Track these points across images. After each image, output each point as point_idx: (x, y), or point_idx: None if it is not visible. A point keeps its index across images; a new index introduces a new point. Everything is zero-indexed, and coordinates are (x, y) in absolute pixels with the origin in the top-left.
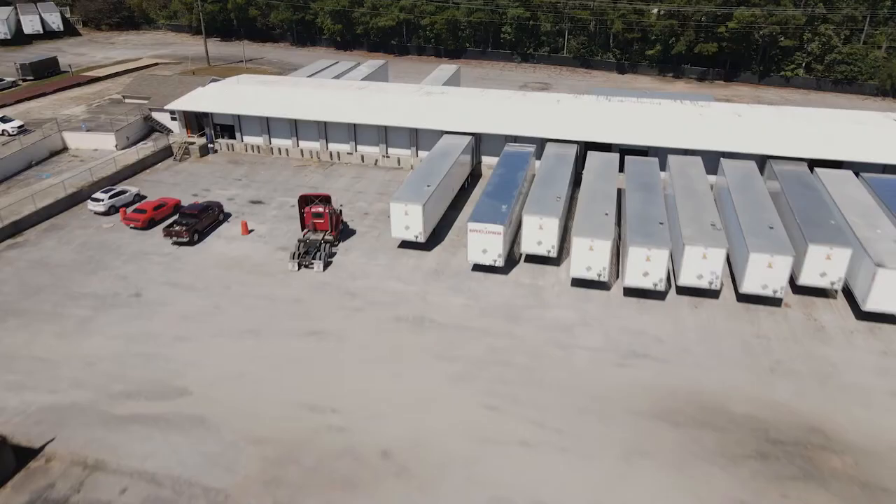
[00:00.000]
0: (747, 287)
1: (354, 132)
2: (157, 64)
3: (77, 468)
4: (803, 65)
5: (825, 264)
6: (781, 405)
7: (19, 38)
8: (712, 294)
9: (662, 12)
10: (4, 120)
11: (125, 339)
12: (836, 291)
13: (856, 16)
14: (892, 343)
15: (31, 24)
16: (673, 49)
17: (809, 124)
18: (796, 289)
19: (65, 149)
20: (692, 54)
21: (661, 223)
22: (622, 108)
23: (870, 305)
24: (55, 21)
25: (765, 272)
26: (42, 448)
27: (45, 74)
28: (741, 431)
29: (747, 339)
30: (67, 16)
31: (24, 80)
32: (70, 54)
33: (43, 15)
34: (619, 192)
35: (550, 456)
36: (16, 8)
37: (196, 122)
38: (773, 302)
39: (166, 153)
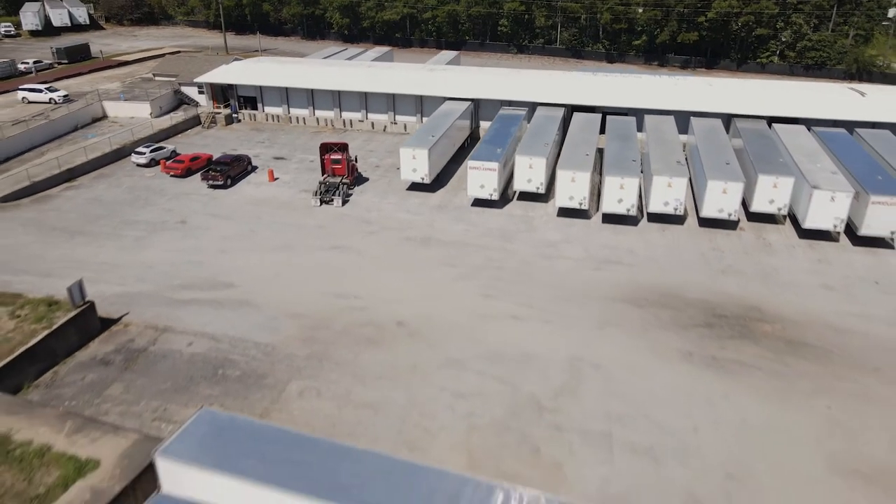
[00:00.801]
0: (706, 211)
1: (366, 101)
2: (179, 52)
3: (150, 330)
4: (777, 52)
5: (772, 192)
6: (728, 293)
7: (49, 30)
8: (678, 220)
9: (647, 4)
10: (51, 90)
11: (176, 251)
12: (784, 217)
13: (823, 4)
14: (826, 253)
15: (59, 18)
16: (657, 39)
17: (770, 90)
18: (750, 216)
19: (104, 116)
20: (675, 43)
21: (633, 160)
22: (606, 79)
23: (808, 223)
24: (82, 15)
25: (720, 197)
26: (119, 318)
27: (78, 59)
28: (693, 310)
29: (705, 252)
30: (91, 12)
31: (59, 63)
32: (97, 44)
33: (70, 9)
34: (601, 150)
35: (536, 326)
36: (43, 3)
37: (222, 94)
38: (729, 225)
39: (195, 121)
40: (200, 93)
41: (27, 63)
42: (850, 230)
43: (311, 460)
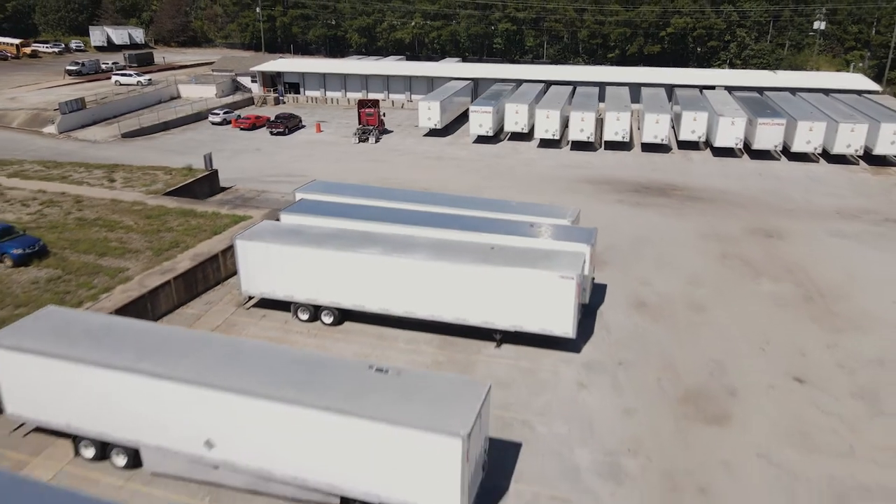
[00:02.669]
0: (645, 137)
1: (388, 83)
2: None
3: (253, 191)
4: (727, 61)
5: (693, 124)
6: (654, 178)
7: (111, 47)
8: (626, 147)
9: (618, 22)
10: (139, 75)
11: (259, 163)
12: (704, 144)
13: (761, 20)
14: (730, 163)
15: (120, 37)
16: (628, 52)
17: (703, 71)
18: (680, 145)
19: (179, 96)
20: (643, 55)
21: (591, 104)
22: (577, 68)
23: (717, 142)
24: (138, 36)
25: (654, 126)
26: (231, 186)
27: (145, 63)
28: (628, 185)
29: (643, 163)
30: (144, 35)
31: (131, 66)
32: (156, 56)
33: (129, 31)
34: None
35: (518, 193)
36: (103, 26)
37: (271, 81)
38: (663, 149)
39: (249, 101)
40: (253, 81)
41: (107, 63)
42: (749, 151)
43: (392, 193)
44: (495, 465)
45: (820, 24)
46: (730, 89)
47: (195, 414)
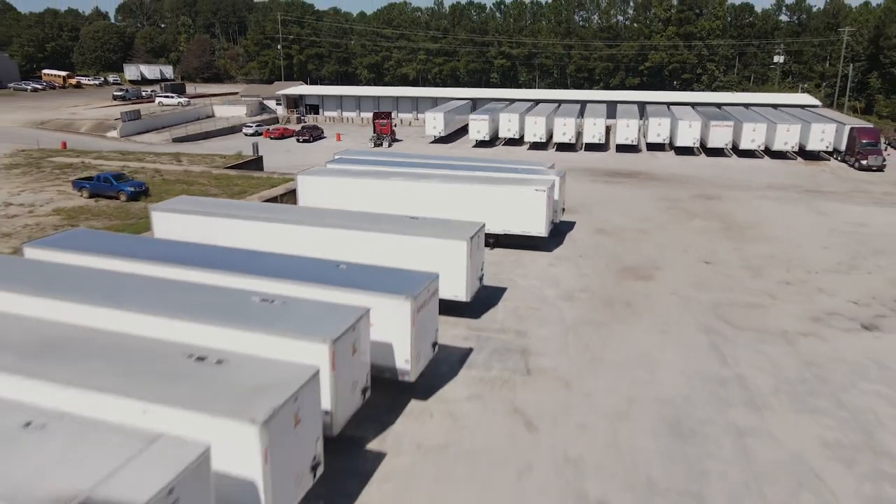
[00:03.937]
0: (619, 139)
1: (397, 104)
2: None
3: (290, 175)
4: (699, 91)
5: (658, 129)
6: (624, 168)
7: (144, 81)
8: (602, 148)
9: (602, 57)
10: (179, 97)
11: (291, 159)
12: (669, 146)
13: (728, 55)
14: (688, 158)
15: (152, 73)
16: (611, 84)
17: (669, 93)
18: (648, 147)
19: (213, 115)
20: (624, 87)
21: (573, 112)
22: (562, 91)
23: (678, 143)
24: (168, 72)
25: (626, 130)
26: (272, 173)
27: (178, 92)
28: (602, 171)
29: (617, 159)
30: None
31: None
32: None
33: (160, 68)
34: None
35: None
36: (138, 65)
37: (293, 103)
38: (634, 150)
39: (275, 120)
40: (277, 104)
41: (146, 91)
42: (706, 150)
43: (408, 154)
44: (489, 296)
45: (779, 58)
46: (693, 105)
47: (296, 244)
